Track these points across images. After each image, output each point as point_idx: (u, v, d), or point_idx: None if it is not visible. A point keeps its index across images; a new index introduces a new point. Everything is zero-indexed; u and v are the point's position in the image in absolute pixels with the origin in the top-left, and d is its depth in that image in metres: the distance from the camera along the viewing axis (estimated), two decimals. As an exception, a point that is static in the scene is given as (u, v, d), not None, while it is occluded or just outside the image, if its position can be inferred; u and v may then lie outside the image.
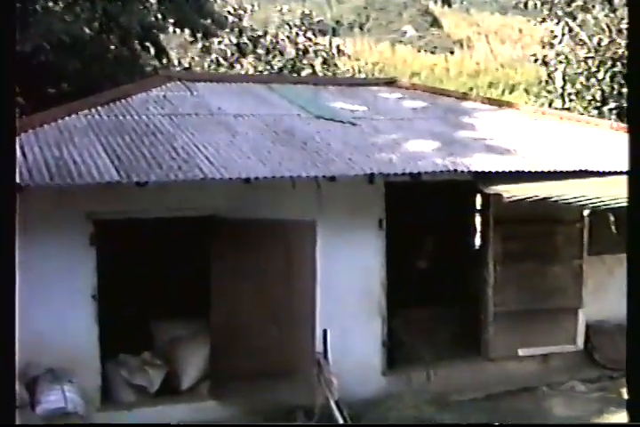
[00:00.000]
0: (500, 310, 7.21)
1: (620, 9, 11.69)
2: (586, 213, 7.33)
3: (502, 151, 6.91)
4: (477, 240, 8.19)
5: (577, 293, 7.44)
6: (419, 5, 39.26)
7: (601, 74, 11.80)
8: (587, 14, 12.22)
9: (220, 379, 6.41)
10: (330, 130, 7.00)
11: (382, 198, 6.83)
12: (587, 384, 7.16)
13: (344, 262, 6.67)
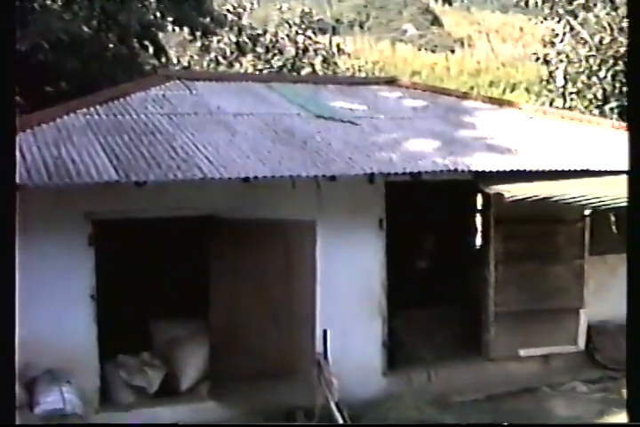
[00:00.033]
0: (501, 311, 7.20)
1: (622, 7, 11.64)
2: (587, 213, 7.32)
3: (503, 151, 6.90)
4: (478, 240, 8.18)
5: (578, 293, 7.43)
6: (419, 4, 39.25)
7: (602, 73, 11.78)
8: (588, 13, 12.19)
9: (220, 379, 6.39)
10: (330, 129, 6.98)
11: (382, 198, 6.81)
12: (588, 385, 7.15)
13: (344, 262, 6.66)
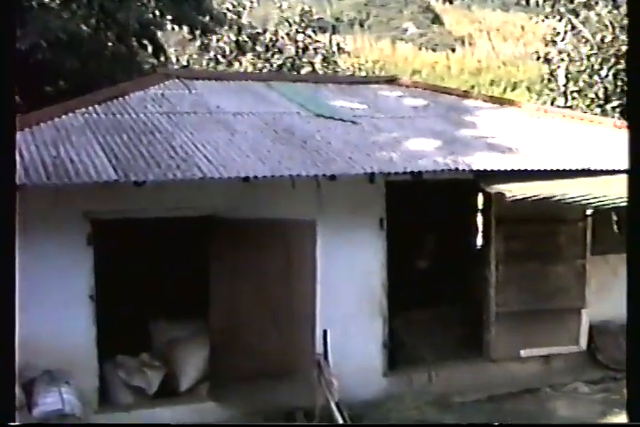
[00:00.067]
0: (503, 311, 7.17)
1: (624, 5, 11.61)
2: (589, 213, 7.30)
3: (504, 150, 6.88)
4: (479, 240, 8.17)
5: (580, 293, 7.40)
6: (420, 2, 39.23)
7: (604, 71, 11.77)
8: (590, 11, 12.18)
9: (220, 380, 6.37)
10: (330, 128, 6.96)
11: (383, 198, 6.79)
12: (590, 386, 7.12)
13: (344, 262, 6.64)
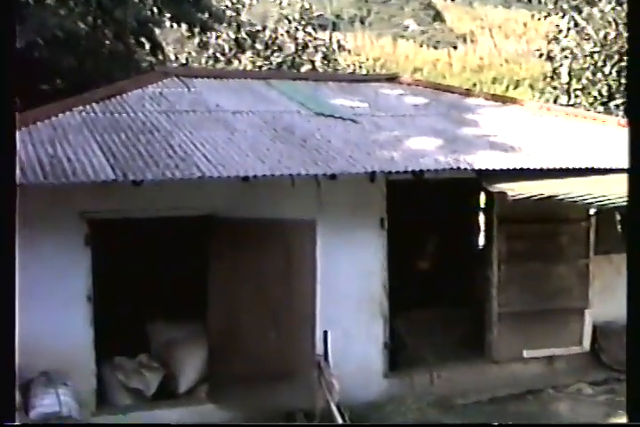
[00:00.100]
0: (505, 311, 7.15)
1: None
2: (592, 212, 7.27)
3: (506, 148, 6.85)
4: (481, 239, 8.14)
5: (583, 293, 7.37)
6: (421, -1, 39.14)
7: (607, 69, 11.72)
8: (593, 8, 12.12)
9: (219, 382, 6.34)
10: (330, 127, 6.94)
11: (384, 197, 6.76)
12: (593, 387, 7.10)
13: (345, 262, 6.62)
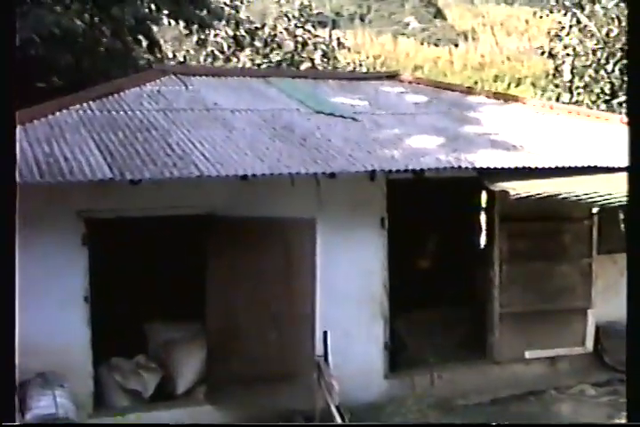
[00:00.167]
0: (507, 311, 7.13)
1: (630, -1, 11.49)
2: (595, 211, 7.25)
3: (508, 147, 6.83)
4: (482, 239, 8.13)
5: (586, 293, 7.35)
6: (421, -4, 39.06)
7: (610, 66, 11.70)
8: (595, 5, 12.10)
9: (217, 383, 6.31)
10: (330, 125, 6.92)
11: (384, 196, 6.74)
12: (596, 388, 7.08)
13: (345, 262, 6.60)
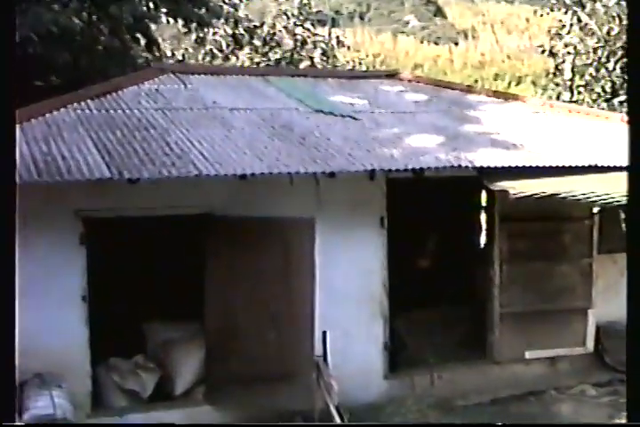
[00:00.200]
0: (507, 311, 7.11)
1: (630, -3, 11.46)
2: (595, 210, 7.24)
3: (508, 146, 6.81)
4: (482, 238, 8.13)
5: (586, 293, 7.33)
6: (421, -5, 39.07)
7: (611, 65, 11.69)
8: (596, 3, 12.08)
9: (216, 383, 6.29)
10: (329, 124, 6.90)
11: (384, 195, 6.73)
12: (597, 388, 7.06)
13: (344, 261, 6.58)
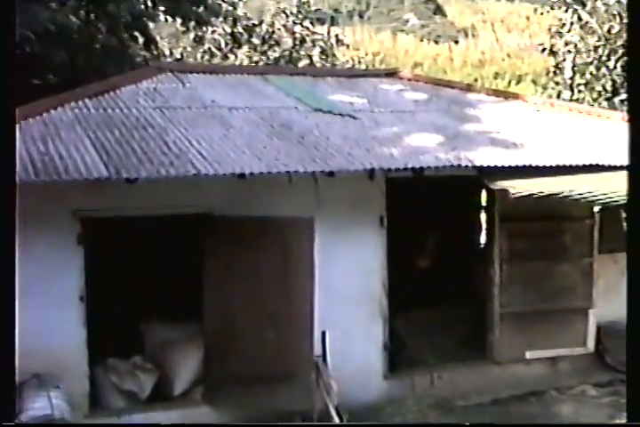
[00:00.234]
0: (507, 311, 7.10)
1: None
2: (596, 210, 7.23)
3: (508, 145, 6.80)
4: (482, 238, 8.13)
5: (587, 292, 7.32)
6: (421, -7, 39.06)
7: (612, 63, 11.68)
8: (597, 1, 12.05)
9: (215, 383, 6.28)
10: (328, 123, 6.88)
11: (383, 195, 6.72)
12: (598, 388, 7.05)
13: (343, 261, 6.57)
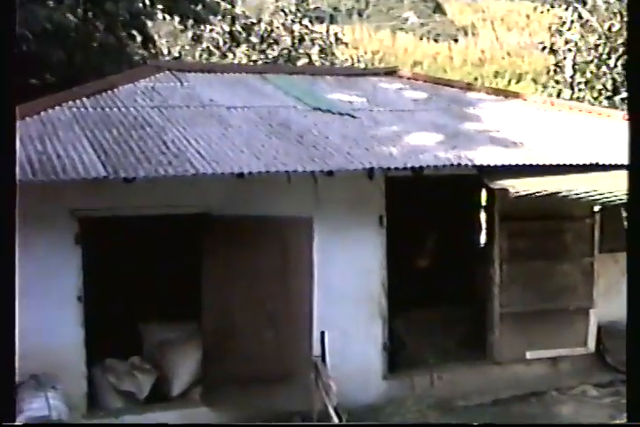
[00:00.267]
0: (507, 311, 7.09)
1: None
2: (597, 209, 7.22)
3: (508, 144, 6.80)
4: (482, 237, 8.13)
5: (588, 292, 7.31)
6: (421, -9, 39.01)
7: (612, 62, 11.68)
8: (597, -1, 12.01)
9: (213, 384, 6.27)
10: (327, 122, 6.88)
11: (382, 194, 6.72)
12: (598, 389, 7.04)
13: (342, 261, 6.57)
